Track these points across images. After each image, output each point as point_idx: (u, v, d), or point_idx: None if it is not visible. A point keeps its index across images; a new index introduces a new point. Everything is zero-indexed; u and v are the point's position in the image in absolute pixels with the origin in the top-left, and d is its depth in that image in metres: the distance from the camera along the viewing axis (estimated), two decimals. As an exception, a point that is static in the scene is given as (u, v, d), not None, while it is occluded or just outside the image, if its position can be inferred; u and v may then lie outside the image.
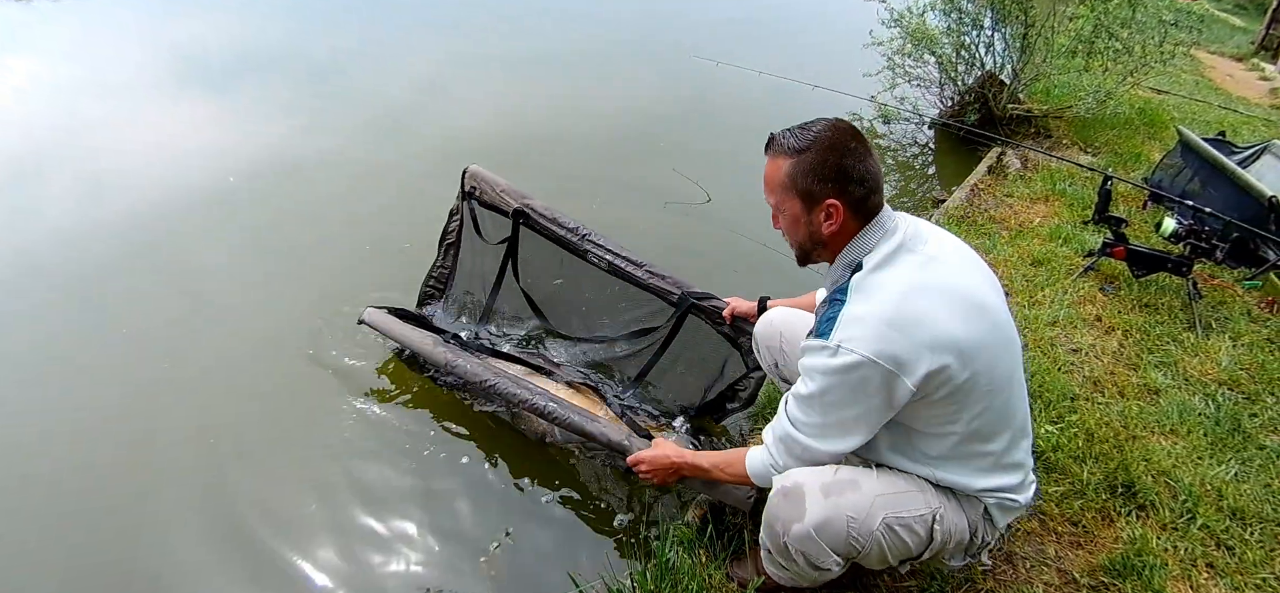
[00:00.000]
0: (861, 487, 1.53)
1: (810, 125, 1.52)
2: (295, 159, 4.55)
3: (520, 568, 2.19)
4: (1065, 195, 4.46)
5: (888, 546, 1.52)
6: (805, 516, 1.49)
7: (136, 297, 3.24)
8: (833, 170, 1.47)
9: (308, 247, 3.71)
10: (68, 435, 2.55)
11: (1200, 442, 2.50)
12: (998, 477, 1.55)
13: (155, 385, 2.77)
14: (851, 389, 1.43)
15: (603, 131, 5.38)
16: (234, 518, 2.29)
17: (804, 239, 1.57)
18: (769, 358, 2.20)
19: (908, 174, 5.31)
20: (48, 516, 2.29)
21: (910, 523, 1.52)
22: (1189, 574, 2.02)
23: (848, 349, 1.39)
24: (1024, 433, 1.59)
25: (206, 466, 2.46)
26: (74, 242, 3.58)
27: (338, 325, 3.02)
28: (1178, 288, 3.40)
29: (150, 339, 2.99)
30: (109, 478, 2.41)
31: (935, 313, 1.39)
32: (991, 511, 1.60)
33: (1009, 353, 1.50)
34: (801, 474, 1.54)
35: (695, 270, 2.96)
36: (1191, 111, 6.85)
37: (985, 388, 1.44)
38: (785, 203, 1.55)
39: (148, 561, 2.18)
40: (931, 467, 1.56)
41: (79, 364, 2.87)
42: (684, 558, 1.94)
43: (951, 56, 5.68)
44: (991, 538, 1.65)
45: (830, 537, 1.50)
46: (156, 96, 5.51)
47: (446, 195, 2.93)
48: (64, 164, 4.38)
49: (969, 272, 1.50)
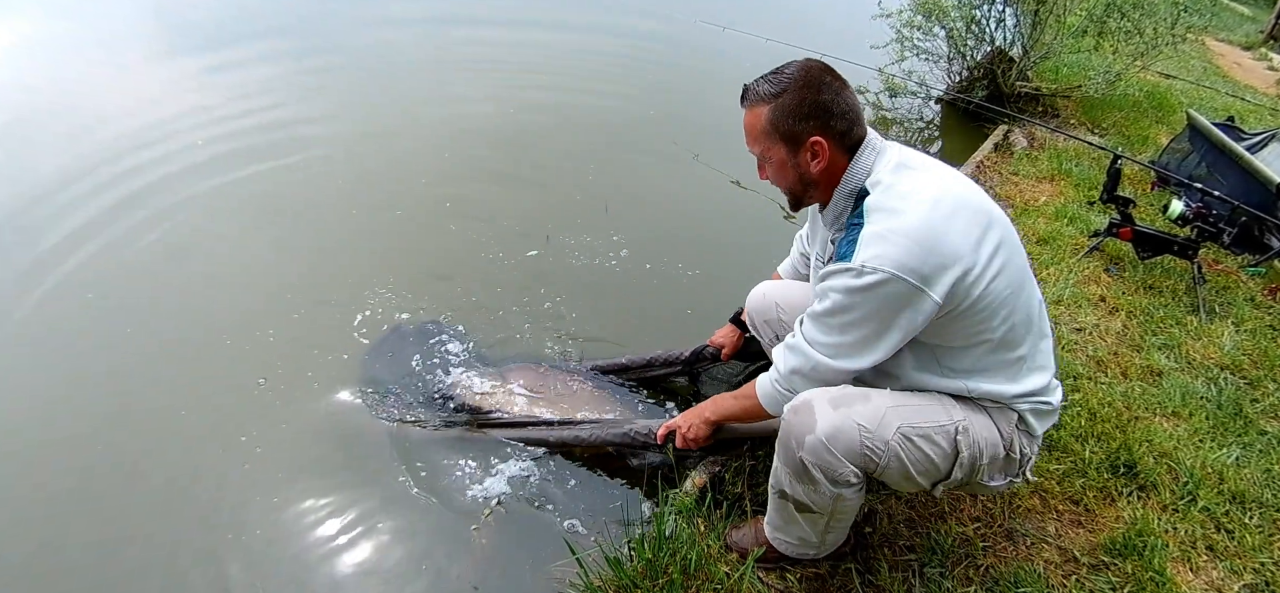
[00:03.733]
0: (872, 399, 1.51)
1: (783, 69, 1.51)
2: (291, 133, 4.44)
3: (514, 536, 2.17)
4: (1071, 175, 4.42)
5: (909, 459, 1.50)
6: (816, 426, 1.47)
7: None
8: (812, 107, 1.47)
9: (295, 224, 3.61)
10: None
11: (1202, 425, 2.49)
12: (1029, 379, 1.54)
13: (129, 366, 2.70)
14: (876, 307, 1.41)
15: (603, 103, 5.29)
16: (215, 483, 2.27)
17: (793, 182, 1.57)
18: (768, 332, 2.17)
19: (913, 148, 5.24)
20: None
21: (930, 433, 1.50)
22: (1189, 556, 2.02)
23: (872, 268, 1.37)
24: (1043, 334, 1.59)
25: (187, 437, 2.42)
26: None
27: (319, 305, 2.97)
28: (1183, 271, 3.38)
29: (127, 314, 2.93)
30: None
31: (953, 224, 1.38)
32: (1027, 417, 1.58)
33: (1019, 256, 1.50)
34: (811, 392, 1.52)
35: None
36: (1199, 97, 6.79)
37: (1007, 294, 1.43)
38: (770, 149, 1.54)
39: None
40: (963, 380, 1.54)
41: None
42: (682, 526, 1.92)
43: (961, 31, 5.60)
44: (1032, 451, 1.63)
45: (843, 445, 1.47)
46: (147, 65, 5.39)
47: (444, 172, 2.86)
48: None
49: (967, 183, 1.51)
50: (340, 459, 2.37)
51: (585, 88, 5.46)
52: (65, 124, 4.33)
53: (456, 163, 4.17)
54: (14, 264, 3.10)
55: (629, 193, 4.04)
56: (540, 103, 5.07)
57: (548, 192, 3.98)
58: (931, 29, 5.65)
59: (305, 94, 4.99)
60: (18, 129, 4.28)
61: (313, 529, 2.15)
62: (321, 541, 2.12)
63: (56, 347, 2.74)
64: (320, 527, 2.16)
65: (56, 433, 2.41)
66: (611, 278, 3.31)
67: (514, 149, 4.41)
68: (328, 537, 2.13)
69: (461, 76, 5.59)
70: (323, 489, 2.26)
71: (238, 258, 3.30)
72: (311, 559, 2.08)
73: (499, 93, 5.21)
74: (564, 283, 3.21)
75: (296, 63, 5.48)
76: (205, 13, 6.38)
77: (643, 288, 3.28)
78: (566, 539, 1.93)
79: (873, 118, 5.56)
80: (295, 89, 5.05)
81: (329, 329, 2.85)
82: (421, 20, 6.63)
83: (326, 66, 5.46)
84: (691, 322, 2.92)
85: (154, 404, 2.53)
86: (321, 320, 2.90)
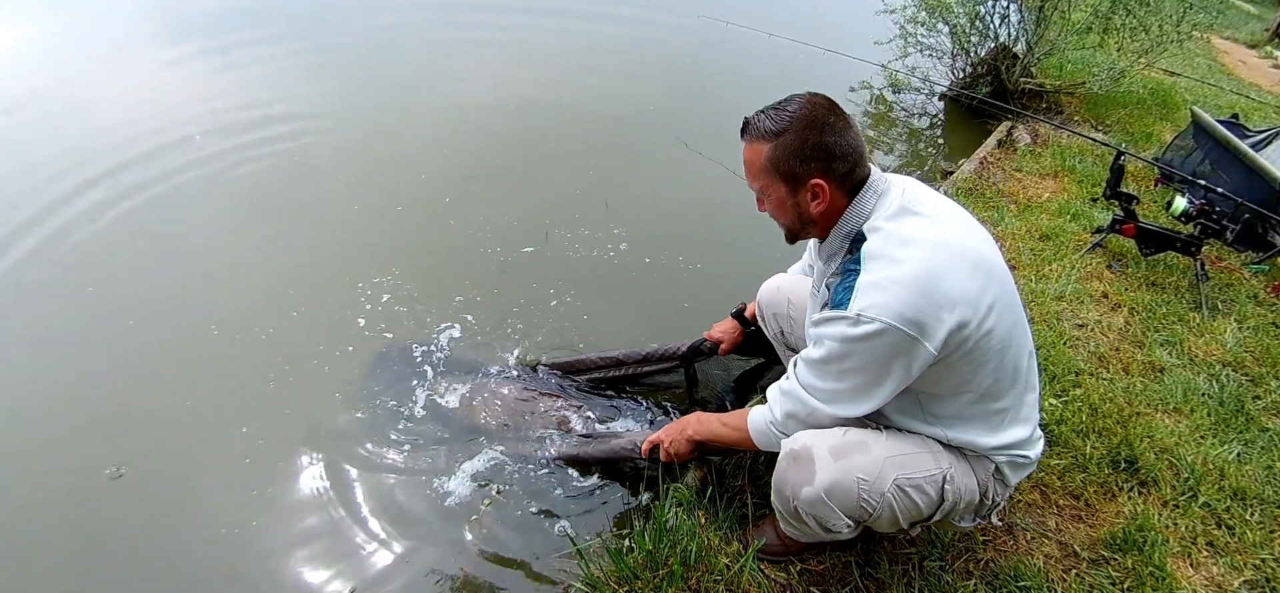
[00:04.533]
0: (871, 449, 1.51)
1: (785, 104, 1.47)
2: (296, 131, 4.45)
3: (514, 529, 2.17)
4: (1075, 172, 4.41)
5: (899, 507, 1.51)
6: (815, 478, 1.47)
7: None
8: (814, 149, 1.43)
9: (304, 216, 3.62)
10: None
11: (1203, 421, 2.49)
12: (1008, 432, 1.54)
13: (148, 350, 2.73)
14: (872, 356, 1.40)
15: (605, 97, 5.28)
16: (216, 478, 2.29)
17: (792, 221, 1.54)
18: (774, 325, 2.17)
19: (917, 144, 5.24)
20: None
21: (921, 483, 1.51)
22: (1189, 552, 2.02)
23: (869, 318, 1.36)
24: (1030, 387, 1.58)
25: (187, 433, 2.44)
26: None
27: (316, 302, 2.98)
28: (1186, 268, 3.37)
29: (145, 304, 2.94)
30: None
31: (951, 275, 1.36)
32: (1003, 468, 1.58)
33: (1013, 309, 1.49)
34: (809, 437, 1.52)
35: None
36: (1203, 95, 6.76)
37: (998, 346, 1.43)
38: (769, 187, 1.51)
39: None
40: (943, 427, 1.54)
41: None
42: (683, 519, 1.92)
43: (965, 26, 5.58)
44: (1002, 498, 1.64)
45: (841, 499, 1.48)
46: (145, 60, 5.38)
47: (446, 168, 2.87)
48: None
49: (970, 231, 1.48)
50: (338, 454, 2.37)
51: (586, 82, 5.46)
52: (62, 119, 4.34)
53: (456, 158, 4.17)
54: (9, 256, 3.11)
55: (628, 188, 4.03)
56: (540, 97, 5.07)
57: (546, 187, 3.97)
58: (935, 25, 5.63)
59: (303, 87, 4.99)
60: (16, 122, 4.29)
61: (311, 522, 2.17)
62: (320, 532, 2.13)
63: (54, 343, 2.75)
64: (319, 520, 2.17)
65: (55, 431, 2.41)
66: (610, 273, 3.31)
67: (514, 144, 4.42)
68: (326, 529, 2.15)
69: (462, 67, 5.60)
70: (320, 485, 2.27)
71: (234, 253, 3.31)
72: (311, 551, 2.09)
73: (499, 87, 5.21)
74: (563, 279, 3.21)
75: (295, 57, 5.49)
76: (206, 7, 6.38)
77: (643, 284, 3.29)
78: (567, 532, 1.94)
79: (877, 113, 5.55)
80: (293, 82, 5.06)
81: (326, 326, 2.86)
82: (421, 9, 6.63)
83: (325, 62, 5.47)
84: (690, 316, 2.93)
85: (154, 400, 2.53)
86: (319, 318, 2.91)
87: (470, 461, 2.34)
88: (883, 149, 5.03)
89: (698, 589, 1.77)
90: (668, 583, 1.75)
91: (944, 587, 1.86)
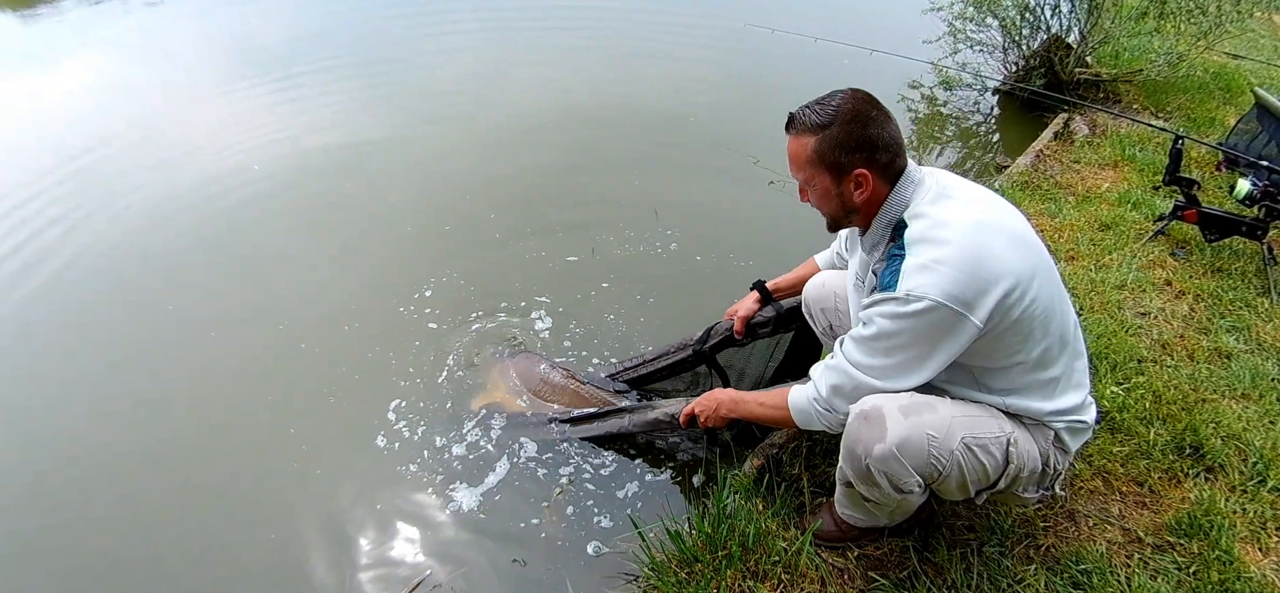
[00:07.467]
0: (938, 409, 1.56)
1: (828, 99, 1.57)
2: (350, 144, 4.70)
3: (581, 514, 2.28)
4: (1135, 161, 4.31)
5: (967, 467, 1.55)
6: (887, 435, 1.52)
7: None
8: (859, 140, 1.53)
9: (363, 230, 3.82)
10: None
11: (1273, 406, 2.43)
12: (1063, 398, 1.59)
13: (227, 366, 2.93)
14: (921, 333, 1.48)
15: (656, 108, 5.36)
16: (305, 460, 2.46)
17: (836, 209, 1.64)
18: (823, 320, 2.21)
19: (970, 142, 5.18)
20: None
21: (987, 444, 1.55)
22: (1258, 536, 1.99)
23: (918, 296, 1.44)
24: (1078, 353, 1.64)
25: (262, 444, 2.64)
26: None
27: (377, 316, 3.15)
28: (1252, 253, 3.28)
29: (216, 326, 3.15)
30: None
31: (993, 251, 1.44)
32: (1062, 435, 1.63)
33: (1053, 280, 1.56)
34: (879, 399, 1.56)
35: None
36: (1270, 77, 6.49)
37: (1042, 315, 1.49)
38: (815, 178, 1.60)
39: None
40: (1002, 398, 1.59)
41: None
42: (741, 504, 1.98)
43: (1015, 19, 5.50)
44: (1063, 467, 1.67)
45: (912, 455, 1.52)
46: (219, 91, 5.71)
47: (497, 176, 3.00)
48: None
49: (1005, 209, 1.57)
50: (409, 453, 2.51)
51: (633, 93, 5.58)
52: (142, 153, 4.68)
53: (508, 171, 4.31)
54: (97, 287, 3.41)
55: (677, 197, 4.09)
56: (587, 110, 5.21)
57: (596, 199, 4.07)
58: (984, 19, 5.56)
59: (361, 113, 5.24)
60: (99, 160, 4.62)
61: (391, 513, 2.31)
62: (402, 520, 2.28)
63: (144, 366, 3.00)
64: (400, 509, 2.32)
65: (143, 442, 2.63)
66: (657, 283, 3.37)
67: (567, 155, 4.55)
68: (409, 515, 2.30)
69: (516, 85, 5.78)
70: (397, 478, 2.42)
71: (297, 273, 3.53)
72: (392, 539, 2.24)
73: (550, 100, 5.39)
74: (613, 288, 3.31)
75: (356, 81, 5.76)
76: (272, 40, 6.72)
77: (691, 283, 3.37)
78: (631, 516, 2.01)
79: (928, 114, 5.51)
80: (353, 107, 5.32)
81: (388, 337, 3.03)
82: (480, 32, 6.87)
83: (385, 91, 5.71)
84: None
85: (234, 414, 2.74)
86: (380, 329, 3.08)
87: (542, 450, 2.48)
88: (936, 147, 5.00)
89: (756, 572, 1.83)
90: (727, 565, 1.81)
91: (1003, 571, 1.88)
